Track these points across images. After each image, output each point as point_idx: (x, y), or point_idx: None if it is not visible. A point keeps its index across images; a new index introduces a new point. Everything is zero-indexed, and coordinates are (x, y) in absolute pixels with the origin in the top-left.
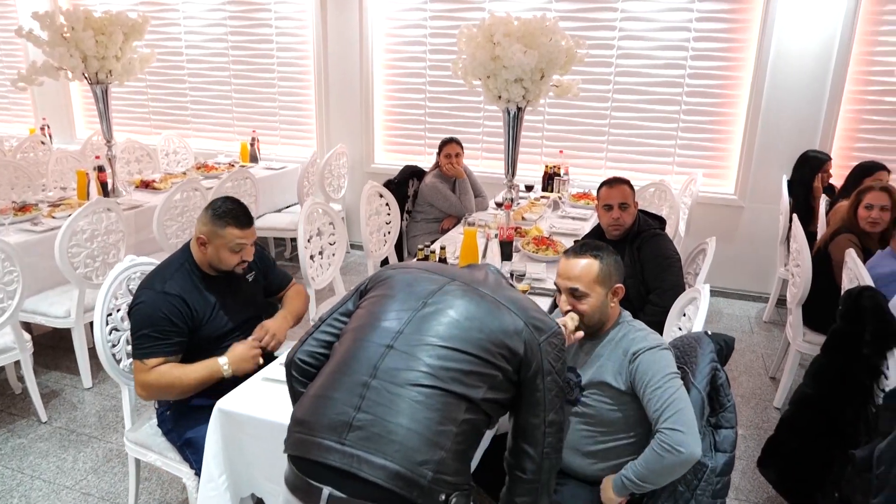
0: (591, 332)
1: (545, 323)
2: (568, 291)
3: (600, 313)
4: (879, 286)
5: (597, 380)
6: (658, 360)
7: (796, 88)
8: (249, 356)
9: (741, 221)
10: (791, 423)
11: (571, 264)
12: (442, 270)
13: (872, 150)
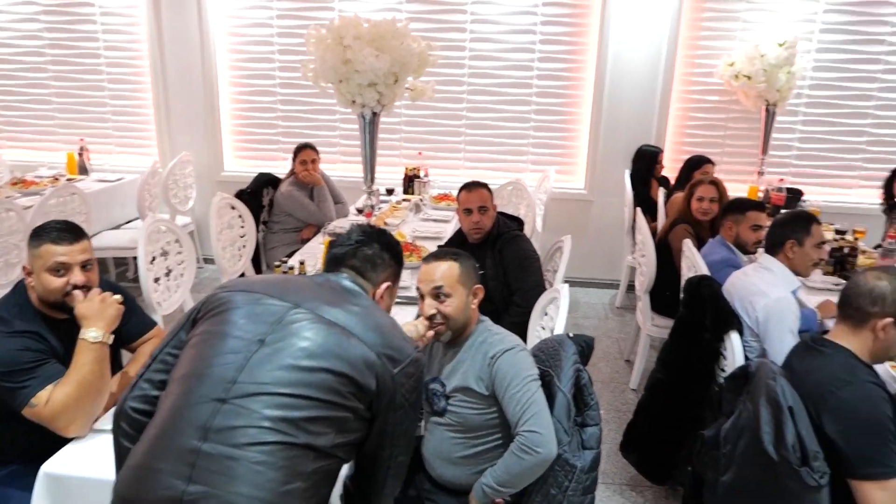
0: (456, 335)
1: (401, 351)
2: (432, 293)
3: (464, 315)
4: (713, 272)
5: (461, 386)
6: (516, 362)
7: (632, 89)
8: (104, 304)
9: (591, 214)
10: (647, 408)
11: (433, 267)
12: (286, 291)
13: (699, 143)
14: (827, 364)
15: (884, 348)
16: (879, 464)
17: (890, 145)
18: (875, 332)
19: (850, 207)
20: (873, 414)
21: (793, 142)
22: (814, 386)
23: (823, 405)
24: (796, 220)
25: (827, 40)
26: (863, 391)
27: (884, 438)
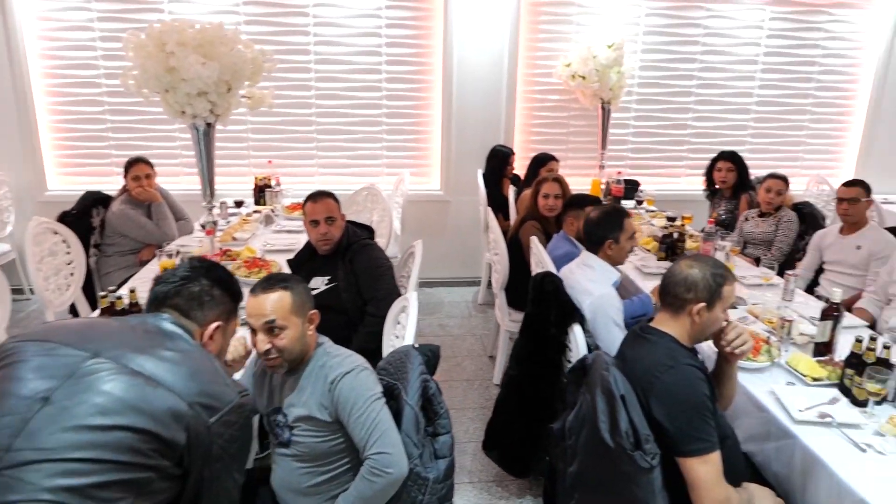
0: (295, 363)
1: (220, 398)
2: (264, 328)
3: (301, 344)
4: (558, 266)
5: (303, 415)
6: (356, 385)
7: (479, 90)
8: None
9: (449, 214)
10: (504, 405)
11: (261, 300)
12: (86, 338)
13: (545, 141)
14: (652, 351)
15: (700, 330)
16: (700, 440)
17: (709, 137)
18: (692, 316)
19: (680, 195)
20: (692, 394)
21: (627, 136)
22: (642, 373)
23: (650, 390)
24: (609, 218)
25: (650, 41)
26: (682, 373)
27: (702, 416)
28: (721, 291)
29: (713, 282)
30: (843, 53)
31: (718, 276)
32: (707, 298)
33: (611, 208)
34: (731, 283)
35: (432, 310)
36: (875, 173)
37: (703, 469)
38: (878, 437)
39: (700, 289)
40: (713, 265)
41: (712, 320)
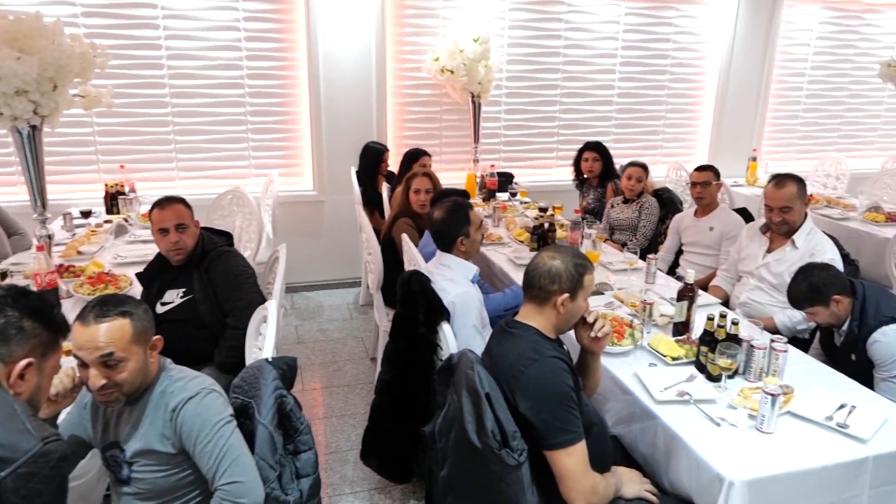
0: (134, 397)
1: (14, 448)
2: (98, 363)
3: (142, 375)
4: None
5: (144, 449)
6: (201, 410)
7: (348, 86)
8: None
9: (324, 214)
10: (380, 410)
11: (94, 331)
12: None
13: (418, 136)
14: (517, 345)
15: (565, 321)
16: (564, 431)
17: (576, 128)
18: (556, 307)
19: (552, 186)
20: (556, 386)
21: (499, 129)
22: (508, 368)
23: (515, 384)
24: (455, 215)
25: (515, 36)
26: (547, 366)
27: (567, 407)
28: (583, 281)
29: (575, 272)
30: (691, 47)
31: (580, 265)
32: (570, 289)
33: (452, 204)
34: (591, 272)
35: (312, 314)
36: (725, 159)
37: (569, 461)
38: (731, 411)
39: (563, 280)
40: (574, 255)
41: (576, 310)
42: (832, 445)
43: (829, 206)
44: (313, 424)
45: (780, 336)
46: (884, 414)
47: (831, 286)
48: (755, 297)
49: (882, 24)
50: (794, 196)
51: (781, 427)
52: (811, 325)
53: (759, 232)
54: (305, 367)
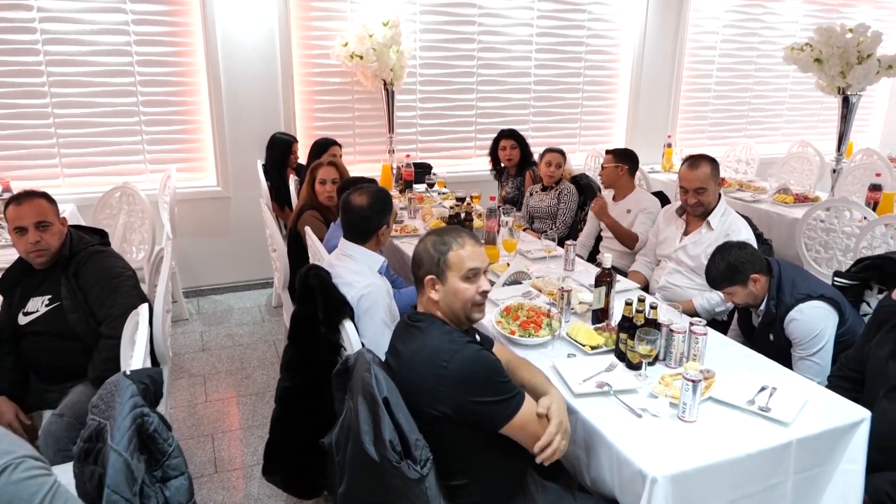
0: None
1: None
2: None
3: None
4: None
5: None
6: (21, 491)
7: (251, 73)
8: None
9: (231, 212)
10: (281, 421)
11: None
12: None
13: (330, 127)
14: (428, 340)
15: (447, 307)
16: (507, 401)
17: (494, 116)
18: (430, 293)
19: (472, 176)
20: (485, 366)
21: (415, 119)
22: (425, 366)
23: (441, 381)
24: (380, 203)
25: (428, 21)
26: (468, 352)
27: (500, 379)
28: (447, 260)
29: (435, 252)
30: (605, 34)
31: (440, 243)
32: (435, 271)
33: (377, 191)
34: (461, 248)
35: (220, 319)
36: (641, 145)
37: (527, 420)
38: (652, 400)
39: (425, 263)
40: (439, 234)
41: (452, 292)
42: (755, 431)
43: (741, 190)
44: (217, 439)
45: (700, 319)
46: (804, 394)
47: (749, 265)
48: (674, 281)
49: (783, 13)
50: (709, 176)
51: (704, 414)
52: (729, 306)
53: (676, 215)
54: (210, 376)
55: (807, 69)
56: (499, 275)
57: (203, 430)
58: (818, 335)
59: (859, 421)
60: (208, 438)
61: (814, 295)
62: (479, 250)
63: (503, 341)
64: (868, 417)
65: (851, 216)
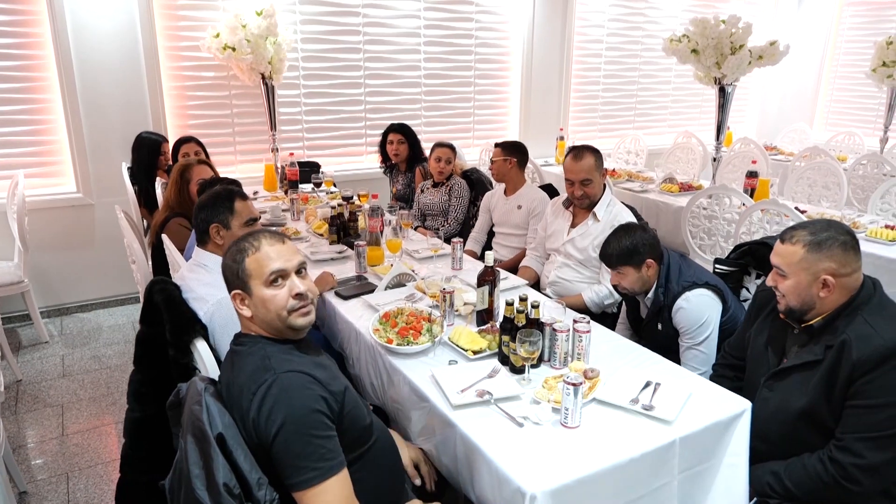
0: None
1: None
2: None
3: None
4: None
5: None
6: None
7: (111, 67)
8: None
9: (96, 220)
10: (132, 458)
11: None
12: None
13: (206, 125)
14: (245, 365)
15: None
16: (306, 469)
17: (385, 112)
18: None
19: (363, 174)
20: (294, 410)
21: (300, 115)
22: (237, 398)
23: (248, 418)
24: (217, 200)
25: (308, 11)
26: (281, 384)
27: (309, 436)
28: (245, 268)
29: (234, 263)
30: (494, 27)
31: (237, 251)
32: (238, 284)
33: (220, 190)
34: (256, 251)
35: (85, 339)
36: (535, 139)
37: (321, 501)
38: (535, 406)
39: (229, 277)
40: (237, 242)
41: (261, 302)
42: (639, 432)
43: (630, 180)
44: (73, 478)
45: (583, 315)
46: (688, 388)
47: (649, 248)
48: (563, 275)
49: (663, 7)
50: (593, 167)
51: (587, 418)
52: (617, 298)
53: (563, 207)
54: (70, 405)
55: (685, 60)
56: (381, 277)
57: (57, 468)
58: (704, 323)
59: (741, 413)
60: (62, 478)
61: (699, 283)
62: (279, 249)
63: (381, 351)
64: (749, 408)
65: (731, 203)
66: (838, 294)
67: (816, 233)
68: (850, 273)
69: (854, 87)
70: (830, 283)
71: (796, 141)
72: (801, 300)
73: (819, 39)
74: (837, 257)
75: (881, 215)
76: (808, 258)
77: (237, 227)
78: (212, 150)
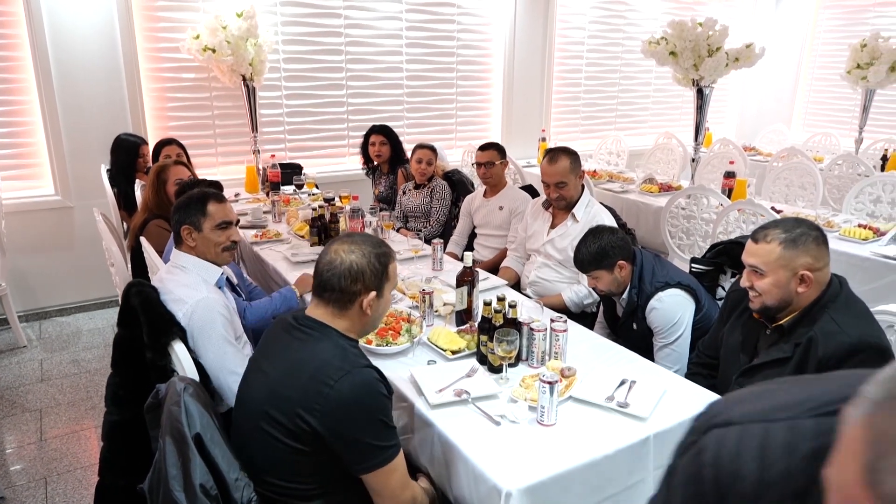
0: None
1: None
2: None
3: None
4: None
5: None
6: None
7: (90, 67)
8: None
9: (76, 223)
10: (111, 462)
11: None
12: None
13: (187, 126)
14: (319, 351)
15: (372, 322)
16: (383, 449)
17: (367, 113)
18: (363, 309)
19: (346, 175)
20: (373, 401)
21: (281, 116)
22: (308, 380)
23: (320, 401)
24: (190, 202)
25: (289, 13)
26: (361, 378)
27: (385, 422)
28: (388, 272)
29: (379, 264)
30: (476, 29)
31: (383, 255)
32: (377, 285)
33: (196, 192)
34: (394, 260)
35: (65, 343)
36: (517, 140)
37: (392, 478)
38: (512, 405)
39: (368, 276)
40: (373, 244)
41: (384, 307)
42: (614, 429)
43: (611, 181)
44: (51, 482)
45: (560, 315)
46: (662, 386)
47: (618, 250)
48: (543, 275)
49: (643, 9)
50: (568, 170)
51: (564, 415)
52: (596, 297)
53: (542, 208)
54: (49, 409)
55: (663, 62)
56: None
57: (35, 473)
58: (676, 323)
59: None
60: (41, 483)
61: (671, 283)
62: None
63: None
64: None
65: (709, 203)
66: (815, 289)
67: (790, 230)
68: (822, 267)
69: (830, 88)
70: (808, 278)
71: (775, 142)
72: (780, 297)
73: (796, 42)
74: (812, 252)
75: (855, 214)
76: (785, 255)
77: (209, 229)
78: (193, 153)
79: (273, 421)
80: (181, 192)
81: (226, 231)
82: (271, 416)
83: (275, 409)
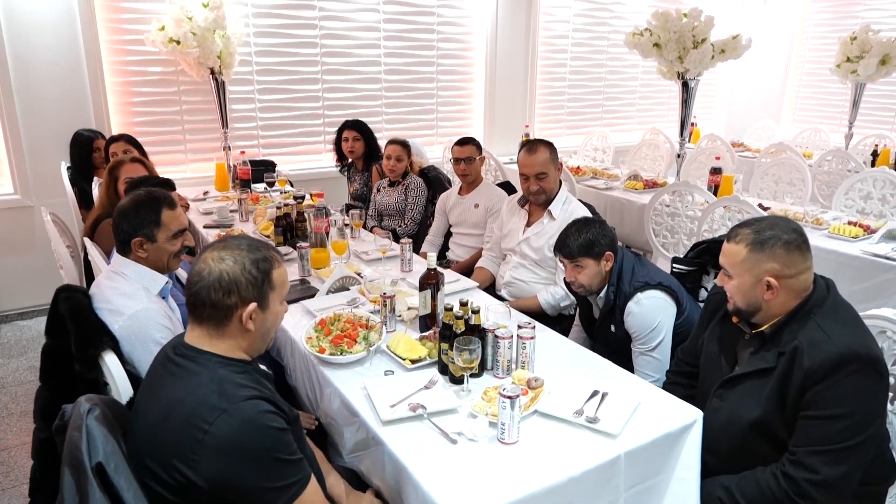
0: None
1: None
2: None
3: None
4: None
5: None
6: None
7: (49, 59)
8: None
9: (36, 223)
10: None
11: None
12: None
13: (155, 122)
14: (195, 388)
15: (260, 338)
16: (285, 488)
17: (344, 108)
18: (244, 324)
19: (322, 173)
20: (261, 440)
21: (254, 112)
22: (182, 424)
23: (199, 448)
24: (140, 209)
25: (260, 4)
26: (240, 416)
27: (281, 459)
28: (271, 279)
29: (257, 271)
30: (457, 21)
31: (262, 260)
32: (257, 296)
33: (144, 195)
34: (280, 265)
35: (23, 349)
36: (500, 136)
37: None
38: (471, 421)
39: (243, 286)
40: (250, 247)
41: (273, 319)
42: (582, 448)
43: (595, 177)
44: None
45: (530, 321)
46: (636, 398)
47: (608, 241)
48: (519, 276)
49: (628, 2)
50: (548, 161)
51: (528, 432)
52: (573, 300)
53: (518, 205)
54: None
55: (647, 54)
56: (324, 280)
57: None
58: (656, 328)
59: (691, 423)
60: None
61: (651, 283)
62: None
63: (314, 361)
64: (700, 418)
65: (694, 200)
66: (785, 296)
67: (760, 231)
68: (795, 274)
69: (820, 83)
70: (774, 286)
71: (763, 137)
72: (747, 302)
73: (785, 36)
74: (780, 258)
75: (845, 211)
76: (749, 258)
77: (164, 240)
78: (160, 149)
79: (152, 474)
80: (129, 190)
81: (180, 238)
82: (150, 469)
83: (152, 461)
